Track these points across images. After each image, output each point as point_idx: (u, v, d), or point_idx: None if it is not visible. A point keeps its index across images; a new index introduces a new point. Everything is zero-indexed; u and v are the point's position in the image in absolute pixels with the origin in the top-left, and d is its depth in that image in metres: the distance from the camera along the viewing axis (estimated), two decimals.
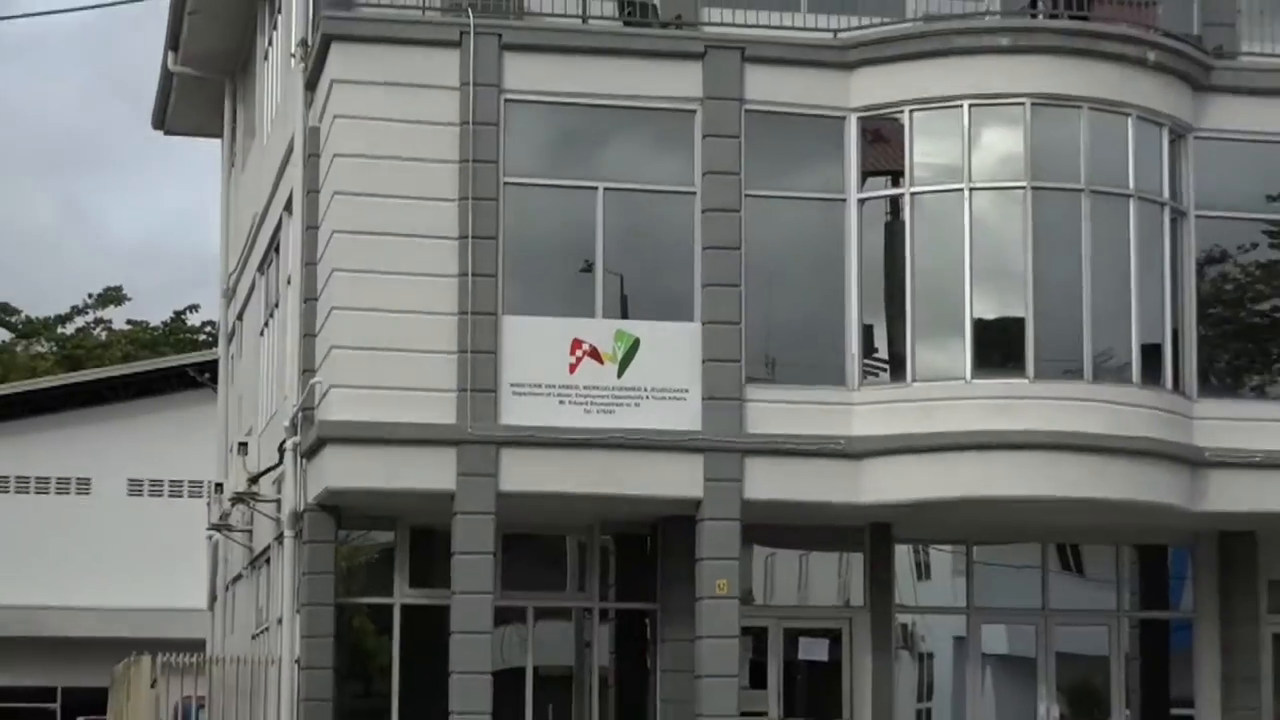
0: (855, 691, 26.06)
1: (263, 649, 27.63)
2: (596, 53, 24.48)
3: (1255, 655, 26.65)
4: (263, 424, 29.97)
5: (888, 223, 24.88)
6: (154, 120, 40.07)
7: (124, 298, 64.83)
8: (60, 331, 63.87)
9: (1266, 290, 26.16)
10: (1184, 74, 25.30)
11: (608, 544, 26.65)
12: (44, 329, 63.97)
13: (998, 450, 23.78)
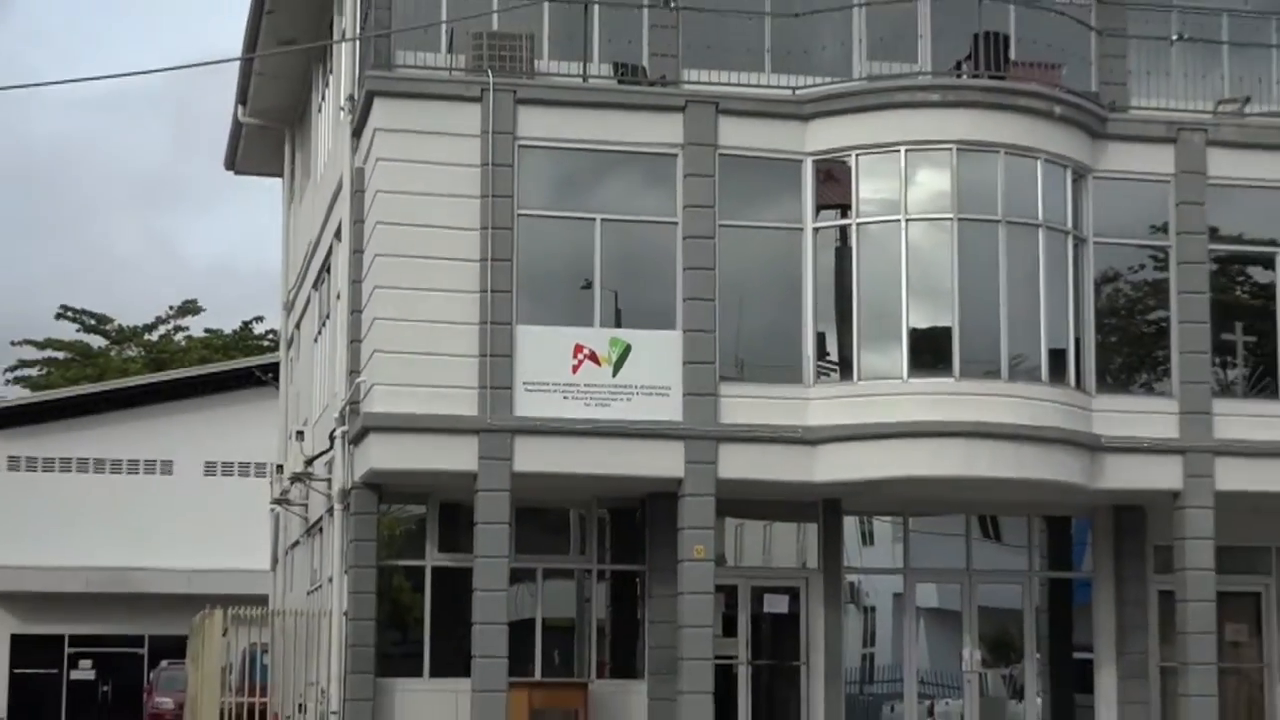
0: (810, 639, 26.51)
1: (316, 604, 28.21)
2: (595, 106, 24.99)
3: (1144, 609, 27.08)
4: (316, 415, 30.33)
5: (837, 248, 25.33)
6: (226, 162, 40.54)
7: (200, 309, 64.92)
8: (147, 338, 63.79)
9: (1152, 304, 26.57)
10: (1084, 124, 25.68)
11: (604, 516, 27.06)
12: (133, 336, 63.82)
13: (929, 438, 24.28)
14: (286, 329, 39.23)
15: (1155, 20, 27.89)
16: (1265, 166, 26.61)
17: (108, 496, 50.88)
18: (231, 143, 39.30)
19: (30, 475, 51.26)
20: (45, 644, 51.22)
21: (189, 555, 47.00)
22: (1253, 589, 28.12)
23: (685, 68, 25.95)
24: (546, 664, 26.46)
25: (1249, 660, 28.07)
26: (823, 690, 26.52)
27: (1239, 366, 27.08)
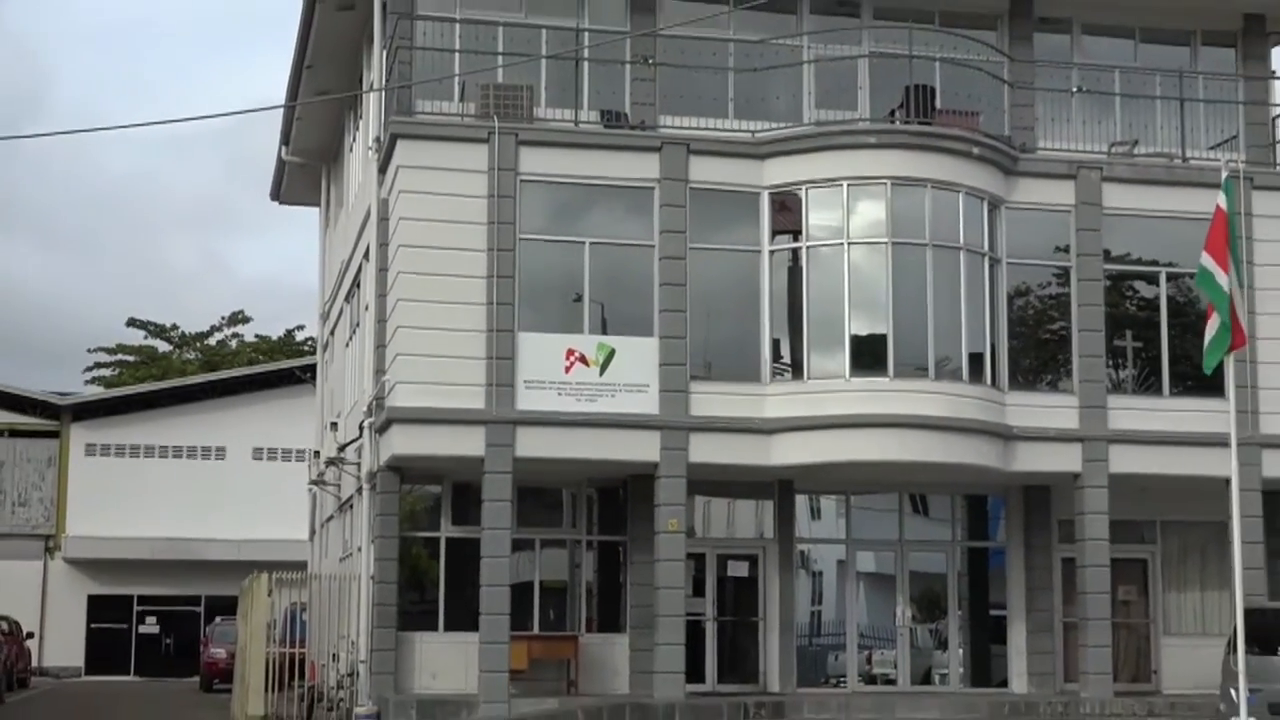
0: (767, 598, 26.43)
1: (347, 569, 28.03)
2: (584, 146, 24.84)
3: (1049, 573, 27.09)
4: (347, 409, 29.98)
5: (790, 267, 25.24)
6: (271, 194, 40.37)
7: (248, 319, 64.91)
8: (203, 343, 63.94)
9: (1056, 315, 26.52)
10: (998, 163, 25.67)
11: (592, 494, 26.92)
12: (191, 341, 63.74)
13: (868, 428, 24.25)
14: (322, 335, 39.05)
15: (1058, 75, 27.95)
16: (1151, 199, 26.53)
17: (170, 478, 50.98)
18: (276, 177, 39.16)
19: (104, 460, 51.39)
20: (117, 603, 51.29)
21: (239, 527, 46.94)
22: (1140, 556, 28.03)
23: (661, 114, 25.88)
24: (543, 620, 26.39)
25: (1137, 616, 27.97)
26: (777, 642, 26.46)
27: (1129, 368, 26.93)
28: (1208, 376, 21.08)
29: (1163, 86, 28.12)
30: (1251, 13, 28.44)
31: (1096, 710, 25.14)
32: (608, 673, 25.94)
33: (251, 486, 49.11)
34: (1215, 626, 26.40)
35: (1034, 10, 27.75)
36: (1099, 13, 28.14)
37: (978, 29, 27.66)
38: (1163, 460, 25.84)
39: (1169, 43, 28.76)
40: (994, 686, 27.30)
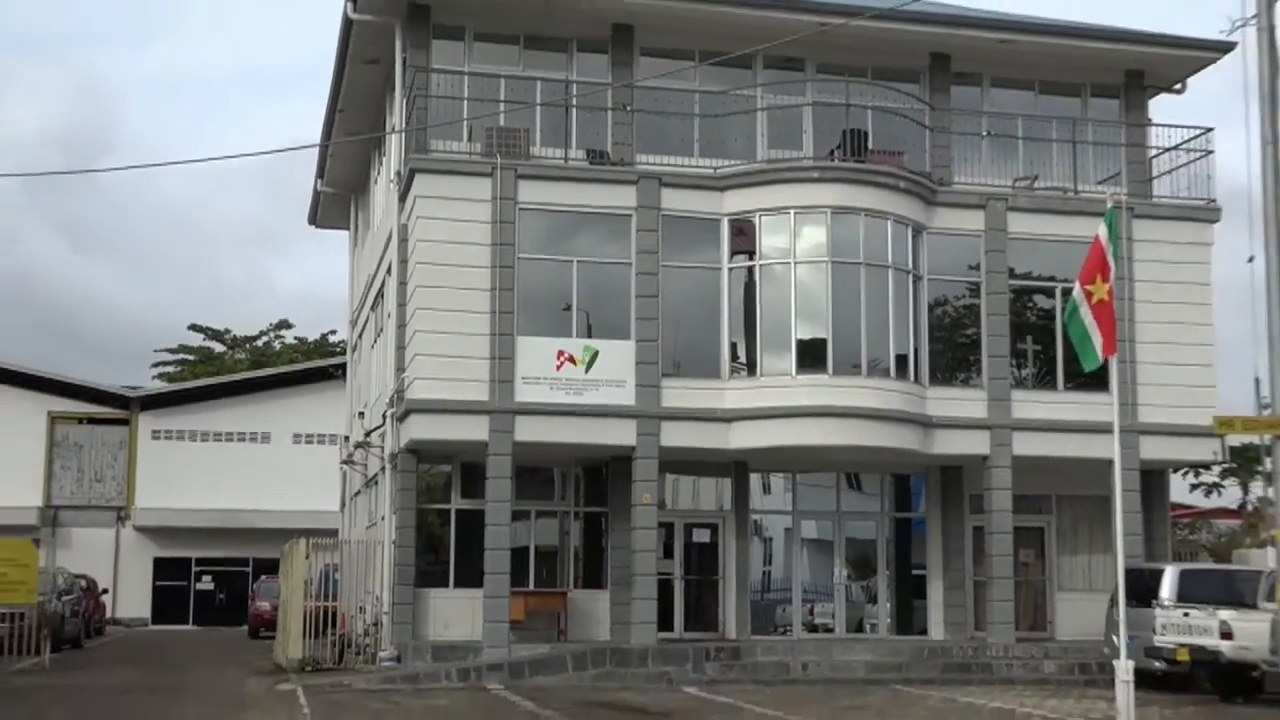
0: (725, 560, 26.56)
1: (372, 535, 27.93)
2: (572, 179, 24.86)
3: (961, 539, 27.20)
4: (373, 400, 29.81)
5: (745, 282, 25.18)
6: (309, 218, 40.19)
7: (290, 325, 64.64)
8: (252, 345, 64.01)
9: (968, 323, 26.59)
10: (920, 195, 25.71)
11: (579, 472, 26.95)
12: (242, 343, 63.59)
13: (810, 417, 24.33)
14: (352, 338, 39.01)
15: (971, 121, 28.02)
16: (1048, 225, 26.62)
17: (223, 458, 50.75)
18: (313, 204, 39.05)
19: (167, 443, 51.36)
20: (178, 564, 51.24)
21: (281, 500, 46.53)
22: (1038, 525, 28.08)
23: (638, 153, 25.85)
24: (537, 578, 26.44)
25: (1035, 575, 28.05)
26: (734, 597, 26.53)
27: (1029, 367, 27.04)
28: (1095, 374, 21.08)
29: (1058, 131, 28.25)
30: (1132, 69, 28.51)
31: (1000, 654, 25.25)
32: (592, 622, 25.89)
33: (291, 466, 49.02)
34: (1100, 584, 26.38)
35: (950, 67, 27.74)
36: (1004, 69, 28.13)
37: (903, 82, 27.66)
38: (1057, 445, 25.90)
39: (1063, 94, 28.74)
40: (916, 634, 27.34)
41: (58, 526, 49.71)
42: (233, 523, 48.90)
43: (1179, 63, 28.44)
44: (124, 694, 20.98)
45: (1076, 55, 28.04)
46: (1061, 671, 24.63)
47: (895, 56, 27.31)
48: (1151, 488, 27.42)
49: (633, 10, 26.01)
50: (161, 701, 19.84)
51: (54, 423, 51.44)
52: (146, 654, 31.92)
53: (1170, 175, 28.13)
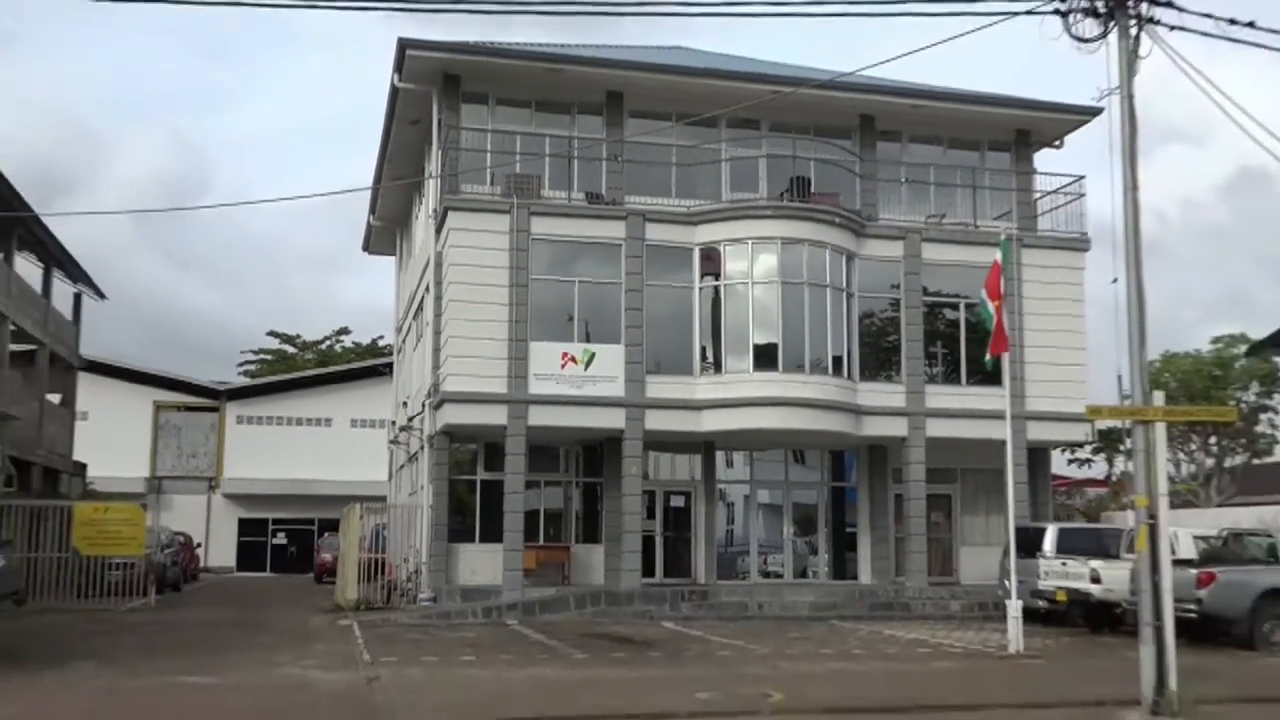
0: (696, 520, 26.51)
1: (414, 501, 27.80)
2: (574, 216, 24.85)
3: (885, 504, 27.26)
4: (414, 392, 29.80)
5: (713, 298, 25.07)
6: (362, 246, 39.85)
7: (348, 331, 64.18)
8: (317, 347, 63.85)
9: (891, 331, 26.49)
10: (852, 228, 25.79)
11: (579, 450, 26.78)
12: (309, 346, 63.59)
13: (764, 406, 24.35)
14: (396, 343, 38.73)
15: (892, 169, 28.00)
16: (954, 254, 26.68)
17: (293, 438, 50.68)
18: (366, 235, 38.83)
19: (249, 426, 51.40)
20: (257, 524, 51.25)
21: (340, 472, 46.47)
22: (946, 492, 28.10)
23: (627, 194, 25.81)
24: (546, 535, 26.45)
25: (943, 533, 28.07)
26: (703, 550, 26.52)
27: (939, 366, 27.03)
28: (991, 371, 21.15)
29: (961, 177, 28.39)
30: (1021, 129, 28.61)
31: (916, 595, 25.41)
32: (589, 570, 25.90)
33: (348, 445, 49.05)
34: (995, 539, 26.31)
35: (875, 126, 27.80)
36: (919, 128, 28.18)
37: (838, 138, 27.66)
38: (960, 428, 25.93)
39: (966, 148, 28.77)
40: (849, 579, 27.37)
41: (161, 493, 49.68)
42: (301, 490, 48.79)
43: (1058, 124, 28.50)
44: (214, 627, 20.98)
45: (976, 117, 28.12)
46: (964, 609, 24.70)
47: (832, 118, 27.34)
48: (1036, 462, 27.53)
49: (622, 81, 26.13)
50: (245, 633, 19.83)
51: (158, 410, 51.53)
52: (232, 596, 31.87)
53: (1051, 213, 28.16)
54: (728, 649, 17.40)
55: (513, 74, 25.68)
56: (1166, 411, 12.65)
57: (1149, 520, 11.97)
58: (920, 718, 11.15)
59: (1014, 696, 12.52)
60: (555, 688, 13.00)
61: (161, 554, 31.18)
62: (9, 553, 22.72)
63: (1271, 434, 39.47)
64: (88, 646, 17.00)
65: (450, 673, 14.26)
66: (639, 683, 13.47)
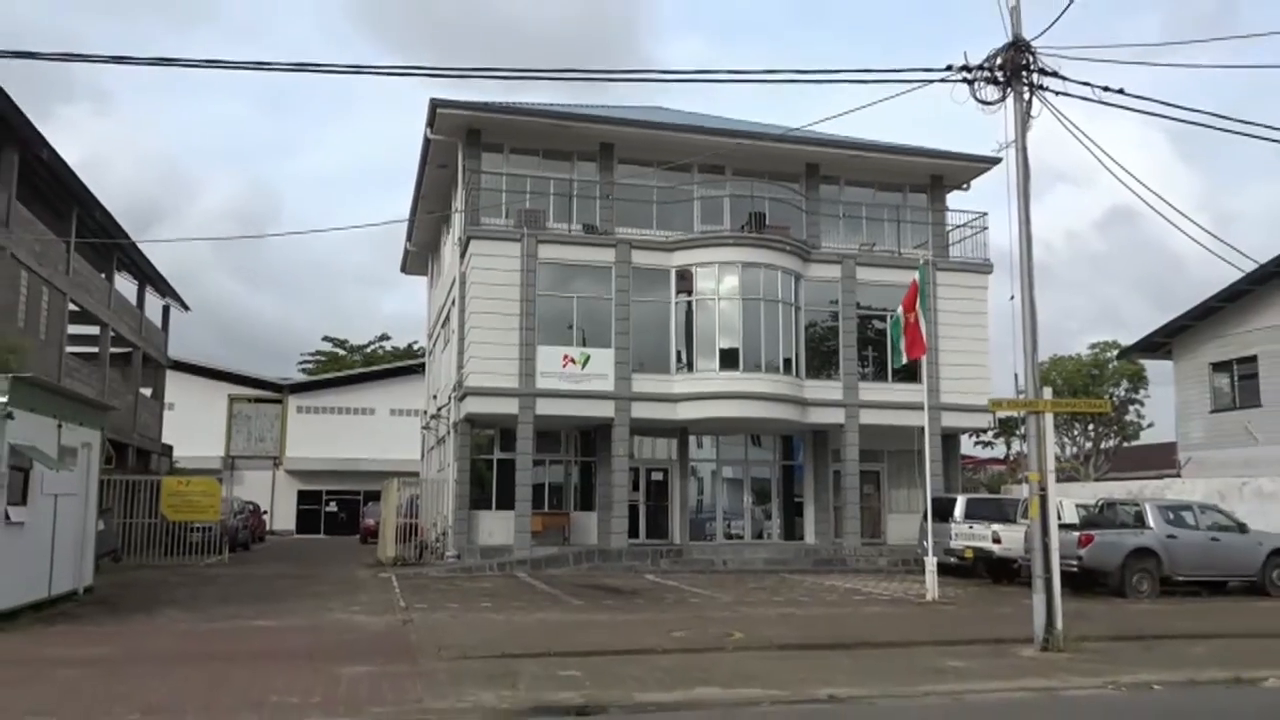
0: (672, 492, 26.52)
1: (442, 477, 27.55)
2: (574, 244, 24.66)
3: (827, 478, 27.23)
4: (442, 387, 29.46)
5: (686, 311, 24.88)
6: (400, 267, 39.31)
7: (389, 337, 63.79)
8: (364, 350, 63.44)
9: (830, 338, 26.40)
10: (800, 254, 25.70)
11: (577, 435, 26.41)
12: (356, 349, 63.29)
13: (728, 399, 24.31)
14: (428, 346, 38.23)
15: (832, 207, 28.01)
16: (882, 276, 26.62)
17: (344, 425, 50.42)
18: (403, 259, 38.57)
19: (307, 415, 51.14)
20: (313, 495, 51.01)
21: (382, 452, 46.51)
22: (875, 469, 28.06)
23: (617, 226, 25.75)
24: (550, 504, 26.27)
25: (874, 503, 28.02)
26: (679, 516, 26.49)
27: (869, 366, 26.90)
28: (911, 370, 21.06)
29: (887, 213, 28.38)
30: (935, 174, 28.64)
31: (851, 553, 25.38)
32: (586, 533, 25.79)
33: (389, 430, 48.83)
34: (916, 507, 26.54)
35: (819, 171, 27.80)
36: (854, 173, 28.20)
37: (789, 181, 27.68)
38: (887, 417, 25.95)
39: (892, 190, 28.75)
40: (797, 540, 27.33)
41: (234, 470, 49.34)
42: (349, 468, 48.64)
43: (966, 170, 28.55)
44: (277, 579, 20.84)
45: (900, 165, 28.16)
46: (891, 565, 24.74)
47: (783, 164, 27.37)
48: (948, 445, 27.56)
49: (613, 134, 26.06)
50: (303, 582, 19.71)
51: (232, 402, 51.17)
52: (292, 554, 31.70)
53: (960, 243, 28.19)
54: (698, 597, 17.36)
55: (524, 128, 25.60)
56: (1053, 404, 12.70)
57: (1040, 492, 12.02)
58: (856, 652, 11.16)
59: (932, 635, 12.54)
60: (556, 628, 12.97)
61: (234, 519, 31.08)
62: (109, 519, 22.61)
63: (1138, 422, 39.78)
64: (173, 596, 16.89)
65: (470, 616, 14.20)
66: (626, 625, 13.45)
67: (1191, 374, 30.98)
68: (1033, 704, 8.61)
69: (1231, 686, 9.49)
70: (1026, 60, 12.17)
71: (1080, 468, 38.73)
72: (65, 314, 25.69)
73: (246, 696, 8.23)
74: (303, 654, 10.56)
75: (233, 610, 14.74)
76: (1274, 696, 9.14)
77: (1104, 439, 39.96)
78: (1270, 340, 28.50)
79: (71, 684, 8.80)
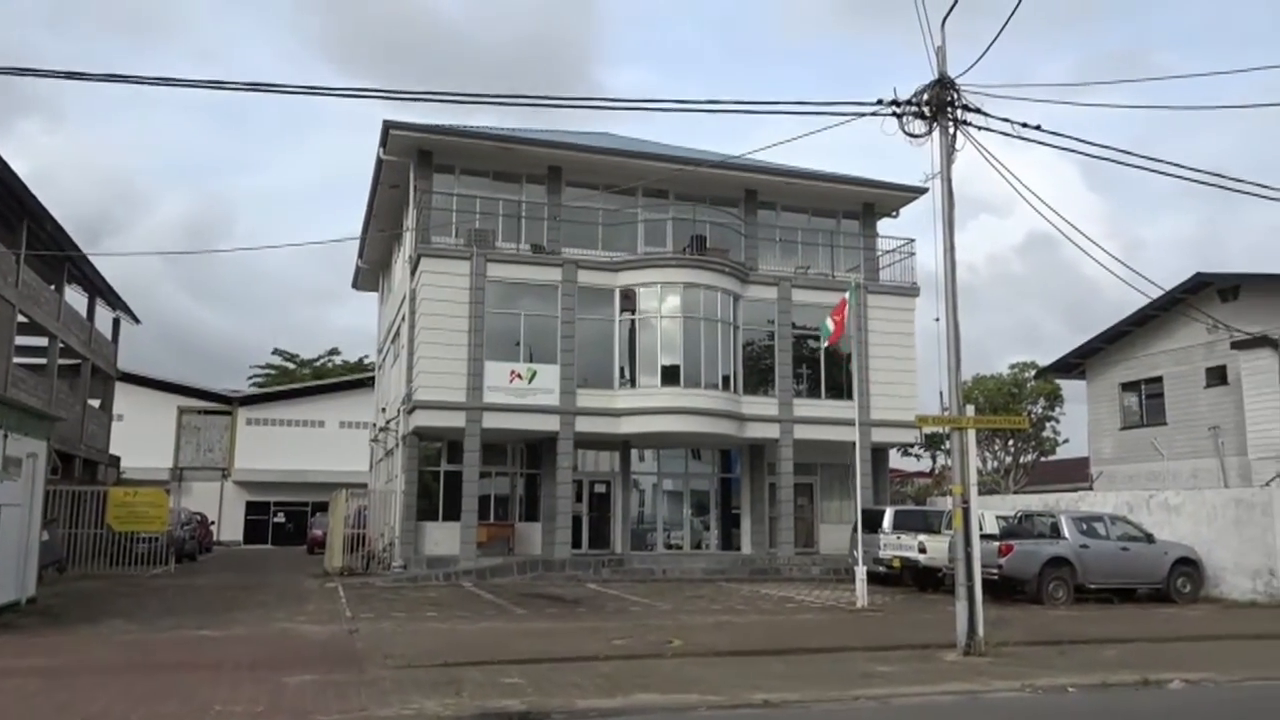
0: (615, 503, 26.27)
1: (389, 488, 27.01)
2: (522, 263, 24.50)
3: (763, 490, 27.18)
4: (391, 400, 28.87)
5: (630, 330, 24.83)
6: (352, 283, 38.95)
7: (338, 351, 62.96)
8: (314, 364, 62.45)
9: (767, 356, 26.45)
10: (739, 275, 25.75)
11: (523, 447, 26.24)
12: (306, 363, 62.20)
13: (669, 414, 24.25)
14: (378, 361, 37.74)
15: (769, 231, 28.24)
16: (816, 297, 26.71)
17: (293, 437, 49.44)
18: (355, 275, 38.19)
19: (257, 427, 50.11)
20: (262, 506, 49.91)
21: (331, 464, 45.67)
22: (809, 482, 28.17)
23: (563, 246, 25.69)
24: (495, 514, 26.01)
25: (807, 514, 28.12)
26: (621, 527, 26.31)
27: (804, 383, 27.05)
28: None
29: (821, 238, 28.66)
30: (867, 202, 29.03)
31: (786, 562, 25.48)
32: (530, 543, 25.58)
33: (337, 442, 48.03)
34: (847, 518, 26.77)
35: (757, 197, 28.05)
36: (790, 199, 28.48)
37: (729, 206, 27.85)
38: (820, 432, 26.12)
39: (826, 215, 29.04)
40: (734, 550, 27.32)
41: (182, 481, 48.19)
42: (298, 479, 47.70)
43: (895, 199, 28.94)
44: (224, 589, 20.32)
45: (833, 192, 28.49)
46: (823, 573, 24.88)
47: (723, 190, 27.53)
48: (878, 459, 27.81)
49: (561, 158, 26.03)
50: (249, 593, 19.24)
51: (181, 414, 49.97)
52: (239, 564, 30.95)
53: (889, 267, 28.53)
54: (638, 605, 17.30)
55: (474, 150, 25.46)
56: (976, 420, 12.92)
57: (963, 504, 12.20)
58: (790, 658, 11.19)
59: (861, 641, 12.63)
60: (500, 636, 12.82)
61: (181, 530, 30.26)
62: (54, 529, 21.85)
63: (1054, 438, 40.64)
64: (117, 606, 16.37)
65: (416, 625, 13.99)
66: (568, 633, 13.34)
67: (1103, 393, 31.89)
68: (955, 707, 8.71)
69: (1140, 688, 9.69)
70: (951, 97, 12.44)
71: (1001, 481, 39.44)
72: (13, 325, 24.91)
73: (190, 706, 7.99)
74: (247, 663, 10.29)
75: (177, 620, 14.32)
76: (1179, 698, 9.36)
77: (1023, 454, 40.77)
78: (1175, 362, 29.51)
79: (12, 694, 8.48)
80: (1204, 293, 27.95)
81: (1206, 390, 28.25)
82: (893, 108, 12.45)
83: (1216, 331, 26.63)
